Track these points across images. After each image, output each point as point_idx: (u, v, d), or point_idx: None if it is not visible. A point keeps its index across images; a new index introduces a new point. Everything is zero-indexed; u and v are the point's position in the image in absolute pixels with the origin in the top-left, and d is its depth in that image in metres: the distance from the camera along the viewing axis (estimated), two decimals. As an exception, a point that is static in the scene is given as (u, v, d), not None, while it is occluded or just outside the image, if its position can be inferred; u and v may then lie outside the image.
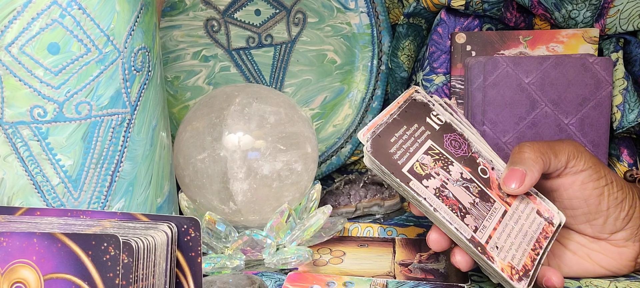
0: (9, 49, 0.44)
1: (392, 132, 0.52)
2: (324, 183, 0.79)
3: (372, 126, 0.52)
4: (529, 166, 0.50)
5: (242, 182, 0.59)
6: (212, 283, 0.51)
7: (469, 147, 0.54)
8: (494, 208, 0.51)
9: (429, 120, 0.54)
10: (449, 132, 0.54)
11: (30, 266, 0.35)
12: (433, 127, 0.54)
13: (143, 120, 0.49)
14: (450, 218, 0.49)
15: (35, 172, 0.46)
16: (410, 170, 0.50)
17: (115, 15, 0.46)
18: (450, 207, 0.49)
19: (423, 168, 0.51)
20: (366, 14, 0.77)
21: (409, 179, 0.50)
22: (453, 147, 0.53)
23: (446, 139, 0.53)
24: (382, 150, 0.50)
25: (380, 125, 0.52)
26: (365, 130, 0.52)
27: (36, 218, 0.41)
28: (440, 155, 0.52)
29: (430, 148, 0.52)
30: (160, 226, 0.38)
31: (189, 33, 0.73)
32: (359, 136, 0.51)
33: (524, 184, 0.50)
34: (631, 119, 0.65)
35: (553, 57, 0.65)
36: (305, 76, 0.78)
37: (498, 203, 0.51)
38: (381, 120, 0.53)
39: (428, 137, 0.53)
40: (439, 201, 0.49)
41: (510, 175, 0.51)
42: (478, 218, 0.49)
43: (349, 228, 0.68)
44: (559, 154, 0.51)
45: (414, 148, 0.52)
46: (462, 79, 0.70)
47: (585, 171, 0.51)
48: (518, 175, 0.50)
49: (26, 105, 0.45)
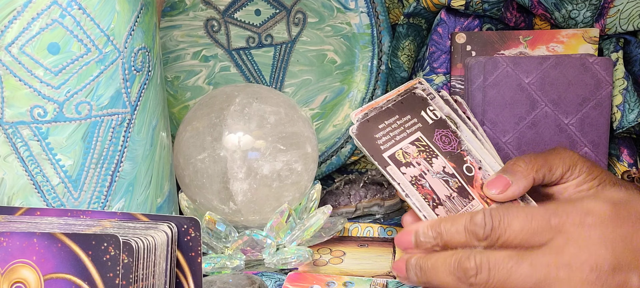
0: (9, 49, 0.44)
1: (383, 119, 0.54)
2: (324, 183, 0.79)
3: (366, 108, 0.54)
4: (518, 179, 0.51)
5: (242, 182, 0.59)
6: (212, 283, 0.51)
7: (459, 144, 0.55)
8: (471, 205, 0.51)
9: (424, 113, 0.55)
10: (441, 127, 0.55)
11: (31, 266, 0.35)
12: (426, 121, 0.55)
13: (143, 120, 0.49)
14: (421, 205, 0.50)
15: (35, 172, 0.46)
16: (391, 156, 0.52)
17: (115, 15, 0.46)
18: (424, 196, 0.50)
19: (405, 156, 0.52)
20: (366, 14, 0.77)
21: (387, 163, 0.51)
22: (442, 142, 0.54)
23: (437, 133, 0.55)
24: (367, 133, 0.53)
25: (374, 109, 0.54)
26: (358, 110, 0.54)
27: (36, 218, 0.41)
28: (426, 148, 0.53)
29: (417, 139, 0.54)
30: (160, 226, 0.38)
31: (189, 33, 0.73)
32: (350, 115, 0.54)
33: (505, 193, 0.51)
34: (631, 118, 0.65)
35: (553, 57, 0.65)
36: (305, 76, 0.78)
37: (477, 201, 0.52)
38: (376, 105, 0.55)
39: (418, 129, 0.54)
40: (412, 188, 0.51)
41: (495, 180, 0.52)
42: (451, 211, 0.50)
43: (349, 228, 0.68)
44: (554, 168, 0.51)
45: (400, 137, 0.53)
46: (462, 79, 0.70)
47: (580, 177, 0.51)
48: (502, 183, 0.51)
49: (26, 105, 0.45)
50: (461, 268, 0.41)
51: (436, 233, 0.44)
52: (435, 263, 0.43)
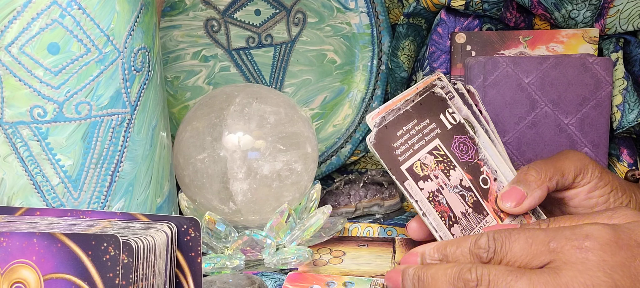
0: (9, 49, 0.44)
1: (401, 124, 0.51)
2: (324, 183, 0.79)
3: (383, 110, 0.51)
4: (532, 190, 0.50)
5: (242, 182, 0.59)
6: (212, 283, 0.51)
7: (477, 153, 0.53)
8: (485, 221, 0.50)
9: (443, 117, 0.53)
10: (459, 133, 0.53)
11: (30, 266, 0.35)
12: (445, 126, 0.52)
13: (143, 120, 0.49)
14: (437, 225, 0.49)
15: (35, 172, 0.46)
16: (408, 169, 0.50)
17: (115, 15, 0.46)
18: (440, 214, 0.49)
19: (423, 168, 0.50)
20: (366, 14, 0.77)
21: (406, 178, 0.49)
22: (459, 151, 0.52)
23: (455, 140, 0.52)
24: (385, 142, 0.50)
25: (392, 111, 0.51)
26: (375, 113, 0.51)
27: (36, 218, 0.41)
28: (444, 157, 0.51)
29: (436, 148, 0.51)
30: (160, 226, 0.38)
31: (189, 33, 0.73)
32: (367, 119, 0.51)
33: (521, 206, 0.50)
34: (631, 119, 0.65)
35: (553, 57, 0.65)
36: (305, 76, 0.78)
37: (491, 216, 0.50)
38: (394, 105, 0.51)
39: (436, 135, 0.52)
40: (430, 206, 0.49)
41: (509, 193, 0.51)
42: (466, 230, 0.49)
43: (349, 228, 0.68)
44: (566, 173, 0.51)
45: (419, 146, 0.51)
46: (462, 79, 0.70)
47: (592, 182, 0.51)
48: (518, 196, 0.50)
49: (26, 105, 0.45)
50: (462, 279, 0.41)
51: (442, 256, 0.45)
52: (435, 274, 0.43)
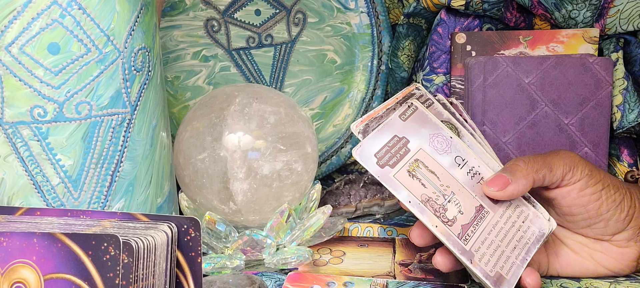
0: (9, 49, 0.44)
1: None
2: (324, 183, 0.79)
3: (366, 118, 0.52)
4: (517, 177, 0.50)
5: (242, 182, 0.59)
6: (212, 283, 0.51)
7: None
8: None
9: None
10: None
11: (30, 266, 0.35)
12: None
13: (143, 120, 0.49)
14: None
15: (35, 172, 0.46)
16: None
17: (115, 15, 0.46)
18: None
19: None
20: (366, 14, 0.77)
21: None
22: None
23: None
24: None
25: (374, 119, 0.52)
26: (358, 122, 0.52)
27: (36, 218, 0.41)
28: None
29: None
30: (160, 226, 0.38)
31: (189, 33, 0.73)
32: (351, 127, 0.51)
33: (505, 191, 0.50)
34: (631, 119, 0.65)
35: (553, 57, 0.65)
36: (305, 76, 0.78)
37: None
38: (376, 114, 0.52)
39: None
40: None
41: (494, 179, 0.51)
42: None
43: (349, 228, 0.68)
44: (554, 168, 0.51)
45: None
46: (462, 79, 0.70)
47: (582, 180, 0.51)
48: (502, 181, 0.50)
49: (26, 105, 0.45)
50: None
51: None
52: None
